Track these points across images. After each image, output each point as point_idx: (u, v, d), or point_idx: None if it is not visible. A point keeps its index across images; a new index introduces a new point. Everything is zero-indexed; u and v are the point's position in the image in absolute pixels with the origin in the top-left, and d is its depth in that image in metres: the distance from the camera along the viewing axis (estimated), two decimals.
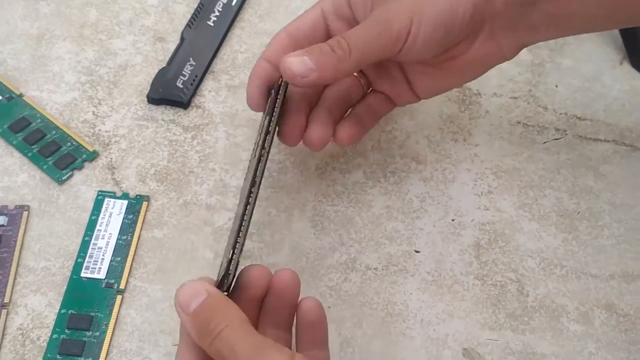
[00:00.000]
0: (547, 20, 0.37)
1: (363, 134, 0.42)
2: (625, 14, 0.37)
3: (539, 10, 0.37)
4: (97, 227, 0.42)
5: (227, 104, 0.48)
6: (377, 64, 0.41)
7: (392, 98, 0.42)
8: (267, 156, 0.36)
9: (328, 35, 0.40)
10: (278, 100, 0.38)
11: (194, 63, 0.49)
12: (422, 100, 0.42)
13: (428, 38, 0.36)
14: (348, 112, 0.42)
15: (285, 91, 0.38)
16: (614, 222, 0.44)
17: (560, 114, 0.49)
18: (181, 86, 0.48)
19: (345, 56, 0.36)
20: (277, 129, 0.39)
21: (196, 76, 0.48)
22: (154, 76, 0.48)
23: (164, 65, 0.49)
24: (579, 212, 0.44)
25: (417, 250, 0.42)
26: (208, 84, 0.49)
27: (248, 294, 0.33)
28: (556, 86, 0.50)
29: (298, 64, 0.35)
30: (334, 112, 0.40)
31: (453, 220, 0.43)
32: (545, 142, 0.47)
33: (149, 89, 0.48)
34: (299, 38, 0.40)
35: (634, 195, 0.45)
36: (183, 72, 0.48)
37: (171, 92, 0.47)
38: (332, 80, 0.38)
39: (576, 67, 0.51)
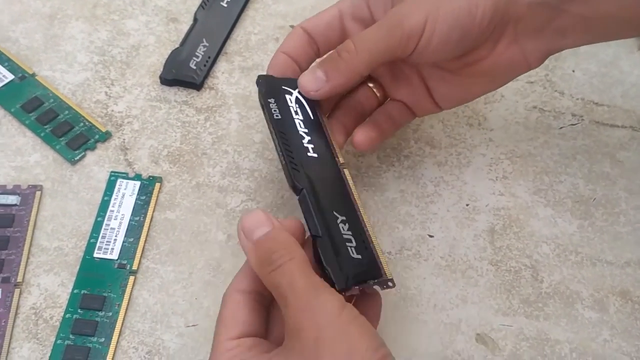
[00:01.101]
0: (576, 24, 0.35)
1: (381, 140, 0.41)
2: None
3: (567, 12, 0.35)
4: (110, 207, 0.41)
5: (240, 85, 0.48)
6: (393, 71, 0.40)
7: (411, 107, 0.41)
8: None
9: (344, 36, 0.40)
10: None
11: (207, 44, 0.49)
12: (443, 110, 0.41)
13: (444, 38, 0.35)
14: (367, 120, 0.41)
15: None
16: (630, 209, 0.43)
17: (577, 99, 0.48)
18: (194, 67, 0.47)
19: (352, 58, 0.36)
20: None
21: (209, 57, 0.48)
22: (167, 57, 0.48)
23: (177, 46, 0.49)
24: (594, 199, 0.44)
25: (431, 234, 0.42)
26: (221, 66, 0.49)
27: None
28: (573, 71, 0.50)
29: (310, 80, 0.36)
30: (344, 122, 0.40)
31: (467, 205, 0.43)
32: (561, 128, 0.47)
33: (161, 69, 0.47)
34: (315, 35, 0.39)
35: None
36: (196, 53, 0.48)
37: (184, 73, 0.47)
38: (346, 85, 0.37)
39: (594, 52, 0.51)
